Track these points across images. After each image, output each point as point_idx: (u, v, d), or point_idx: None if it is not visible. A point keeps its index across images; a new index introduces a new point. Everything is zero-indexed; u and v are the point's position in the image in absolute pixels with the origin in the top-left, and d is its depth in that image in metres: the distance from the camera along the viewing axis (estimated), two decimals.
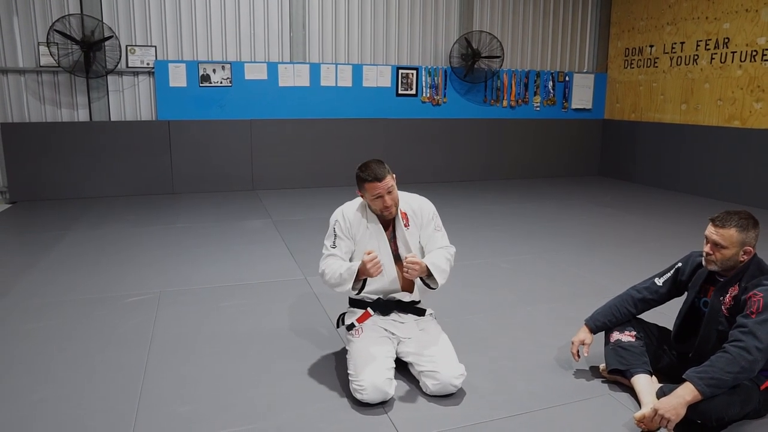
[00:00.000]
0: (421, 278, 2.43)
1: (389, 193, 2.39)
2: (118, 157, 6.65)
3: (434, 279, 2.38)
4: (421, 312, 2.58)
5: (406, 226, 2.50)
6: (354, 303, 2.59)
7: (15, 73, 6.33)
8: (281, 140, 7.23)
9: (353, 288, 2.38)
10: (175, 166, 6.88)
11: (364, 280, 2.40)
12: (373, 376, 2.22)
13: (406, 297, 2.53)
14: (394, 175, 2.44)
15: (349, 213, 2.51)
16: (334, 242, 2.47)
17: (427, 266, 2.35)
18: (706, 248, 2.22)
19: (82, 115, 6.60)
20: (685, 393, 1.98)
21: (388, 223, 2.51)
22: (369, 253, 2.26)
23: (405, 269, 2.31)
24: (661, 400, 2.03)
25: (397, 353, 2.45)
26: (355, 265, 2.32)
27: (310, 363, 2.63)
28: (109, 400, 2.29)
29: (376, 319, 2.50)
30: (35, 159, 6.37)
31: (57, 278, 3.82)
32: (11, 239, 4.98)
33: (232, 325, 3.08)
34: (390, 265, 2.48)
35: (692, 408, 1.98)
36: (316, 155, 7.39)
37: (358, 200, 2.55)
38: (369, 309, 2.52)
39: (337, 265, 2.39)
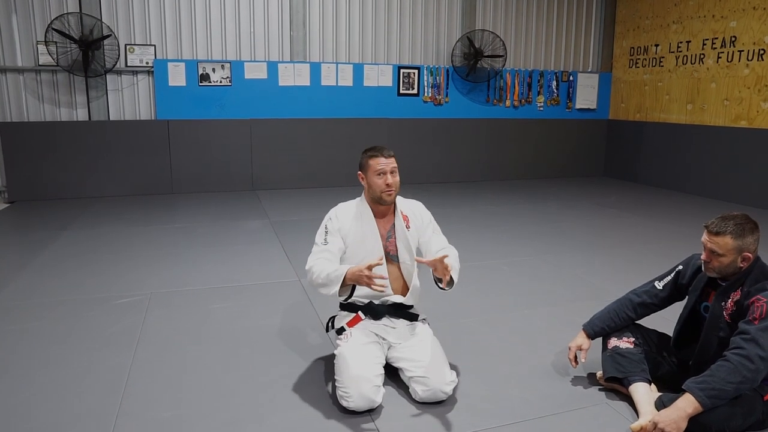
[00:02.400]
0: (437, 280, 2.32)
1: (392, 173, 2.37)
2: (117, 156, 6.61)
3: (451, 281, 2.28)
4: (413, 317, 2.51)
5: (407, 227, 2.46)
6: (344, 306, 2.52)
7: (13, 72, 6.30)
8: (281, 140, 7.17)
9: (340, 294, 2.25)
10: (174, 165, 6.83)
11: (353, 287, 2.29)
12: (359, 383, 2.14)
13: (398, 300, 2.45)
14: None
15: (343, 211, 2.46)
16: (325, 239, 2.39)
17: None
18: (703, 256, 2.13)
19: (81, 115, 6.57)
20: (686, 405, 1.90)
21: (384, 222, 2.45)
22: (370, 268, 2.09)
23: (440, 269, 2.17)
24: (660, 412, 1.94)
25: (387, 359, 2.38)
26: (345, 268, 2.21)
27: (298, 367, 2.56)
28: (88, 405, 2.23)
29: (366, 323, 2.43)
30: (34, 158, 6.34)
31: (49, 279, 3.77)
32: (7, 239, 4.94)
33: (221, 328, 3.01)
34: (382, 266, 2.40)
35: (692, 420, 1.90)
36: (316, 155, 7.33)
37: (355, 200, 2.50)
38: (360, 313, 2.44)
39: (326, 264, 2.29)
